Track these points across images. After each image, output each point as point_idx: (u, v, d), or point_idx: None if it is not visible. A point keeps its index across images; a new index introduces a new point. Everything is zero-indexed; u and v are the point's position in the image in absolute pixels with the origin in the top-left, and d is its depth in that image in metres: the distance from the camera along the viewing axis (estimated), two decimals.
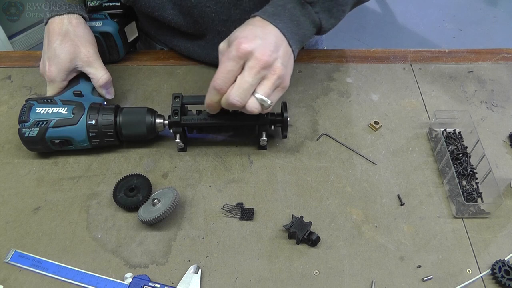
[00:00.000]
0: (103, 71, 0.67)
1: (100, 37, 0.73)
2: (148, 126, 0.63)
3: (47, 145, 0.63)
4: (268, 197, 0.61)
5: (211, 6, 0.70)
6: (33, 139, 0.61)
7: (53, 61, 0.64)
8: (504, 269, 0.53)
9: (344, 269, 0.54)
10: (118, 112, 0.64)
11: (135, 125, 0.63)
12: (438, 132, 0.68)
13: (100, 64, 0.67)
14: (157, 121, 0.64)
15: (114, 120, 0.62)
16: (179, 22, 0.74)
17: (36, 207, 0.60)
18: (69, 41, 0.64)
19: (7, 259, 0.55)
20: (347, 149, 0.67)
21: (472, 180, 0.63)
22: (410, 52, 0.83)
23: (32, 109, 0.62)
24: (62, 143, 0.62)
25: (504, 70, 0.80)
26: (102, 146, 0.65)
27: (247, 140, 0.68)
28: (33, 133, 0.61)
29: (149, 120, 0.63)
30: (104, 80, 0.66)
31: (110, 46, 0.76)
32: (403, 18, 2.53)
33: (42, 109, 0.62)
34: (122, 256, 0.55)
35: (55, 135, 0.61)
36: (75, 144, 0.63)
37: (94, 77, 0.66)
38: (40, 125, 0.61)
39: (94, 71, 0.66)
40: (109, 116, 0.62)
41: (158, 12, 0.72)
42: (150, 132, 0.64)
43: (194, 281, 0.52)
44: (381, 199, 0.61)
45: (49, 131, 0.61)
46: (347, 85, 0.77)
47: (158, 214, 0.55)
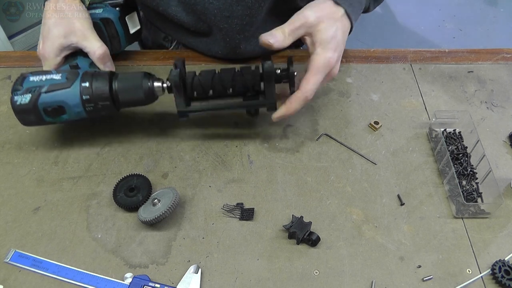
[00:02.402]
0: (98, 43, 0.64)
1: (101, 24, 0.71)
2: (145, 91, 0.61)
3: (40, 115, 0.60)
4: (268, 197, 0.61)
5: (214, 3, 0.71)
6: (25, 107, 0.58)
7: (47, 37, 0.63)
8: (504, 269, 0.53)
9: (344, 269, 0.54)
10: (113, 78, 0.61)
11: (132, 90, 0.60)
12: (438, 132, 0.68)
13: (96, 38, 0.65)
14: (155, 85, 0.61)
15: (109, 85, 0.60)
16: (182, 19, 0.74)
17: (36, 207, 0.60)
18: (64, 18, 0.63)
19: (7, 259, 0.55)
20: (347, 149, 0.67)
21: (472, 180, 0.63)
22: (410, 52, 0.83)
23: (26, 79, 0.60)
24: (56, 111, 0.59)
25: (504, 70, 0.80)
26: (99, 115, 0.62)
27: (247, 140, 0.68)
28: (25, 99, 0.58)
29: (146, 85, 0.61)
30: (100, 52, 0.64)
31: (111, 35, 0.73)
32: (403, 18, 2.53)
33: (35, 78, 0.59)
34: (122, 256, 0.55)
35: (48, 100, 0.59)
36: (69, 112, 0.60)
37: (90, 51, 0.64)
38: (33, 91, 0.58)
39: (90, 45, 0.64)
40: (103, 79, 0.59)
41: (162, 7, 0.73)
42: (148, 97, 0.61)
43: (194, 281, 0.52)
44: (381, 199, 0.61)
45: (41, 97, 0.58)
46: (347, 85, 0.77)
47: (158, 214, 0.55)
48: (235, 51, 0.77)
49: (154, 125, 0.71)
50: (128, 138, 0.69)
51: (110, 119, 0.71)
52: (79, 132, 0.69)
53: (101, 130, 0.70)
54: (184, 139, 0.69)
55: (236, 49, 0.77)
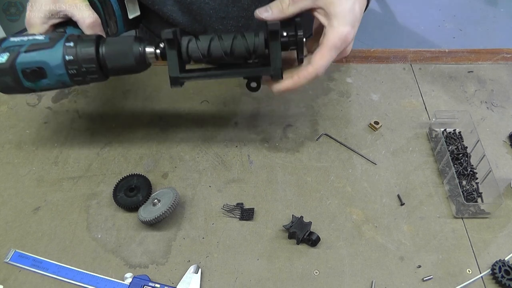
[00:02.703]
0: (89, 12, 0.60)
1: (98, 3, 0.66)
2: (136, 56, 0.55)
3: (18, 78, 0.55)
4: (268, 197, 0.61)
5: (210, 3, 0.71)
6: (1, 67, 0.54)
7: (36, 2, 0.59)
8: (504, 269, 0.53)
9: (344, 269, 0.54)
10: (100, 42, 0.55)
11: (121, 55, 0.55)
12: (438, 132, 0.68)
13: (87, 7, 0.61)
14: (147, 50, 0.55)
15: (96, 48, 0.55)
16: (178, 19, 0.74)
17: (36, 207, 0.60)
18: None
19: (7, 259, 0.55)
20: (347, 149, 0.67)
21: (472, 180, 0.63)
22: (410, 52, 0.83)
23: (6, 39, 0.55)
24: (36, 74, 0.54)
25: (504, 70, 0.80)
26: (85, 82, 0.57)
27: (247, 140, 0.68)
28: (1, 59, 0.53)
29: (137, 49, 0.55)
30: (90, 20, 0.60)
31: (107, 14, 0.68)
32: (403, 18, 2.53)
33: (16, 38, 0.55)
34: (122, 256, 0.55)
35: (27, 60, 0.54)
36: (50, 75, 0.55)
37: (80, 19, 0.60)
38: (11, 50, 0.54)
39: (79, 13, 0.59)
40: (90, 41, 0.55)
41: (158, 6, 0.72)
42: (139, 64, 0.56)
43: (194, 281, 0.52)
44: (381, 199, 0.61)
45: (20, 56, 0.54)
46: (347, 85, 0.77)
47: (158, 214, 0.55)
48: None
49: (154, 125, 0.71)
50: (128, 138, 0.69)
51: (110, 119, 0.71)
52: (79, 132, 0.69)
53: (101, 130, 0.70)
54: (184, 139, 0.69)
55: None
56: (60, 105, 0.74)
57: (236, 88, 0.76)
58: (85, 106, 0.73)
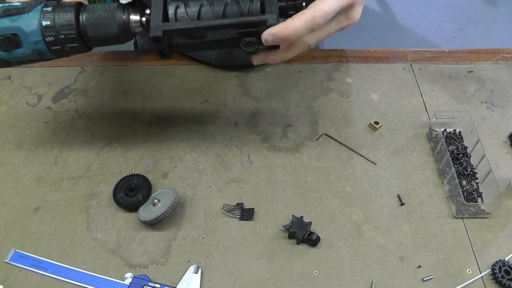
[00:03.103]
0: None
1: None
2: (120, 24, 0.51)
3: None
4: (268, 197, 0.61)
5: None
6: None
7: None
8: (504, 269, 0.53)
9: (344, 269, 0.54)
10: (81, 9, 0.52)
11: (103, 23, 0.51)
12: (438, 132, 0.68)
13: None
14: (132, 18, 0.51)
15: (75, 15, 0.51)
16: None
17: (36, 207, 0.60)
18: None
19: (7, 259, 0.55)
20: (347, 149, 0.67)
21: (472, 180, 0.63)
22: (410, 52, 0.83)
23: None
24: (10, 42, 0.51)
25: (504, 70, 0.80)
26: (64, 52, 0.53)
27: (247, 140, 0.68)
28: None
29: (121, 17, 0.51)
30: None
31: None
32: (403, 18, 2.53)
33: None
34: (122, 256, 0.55)
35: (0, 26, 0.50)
36: (25, 43, 0.51)
37: None
38: None
39: None
40: (70, 7, 0.51)
41: None
42: (123, 33, 0.52)
43: (194, 281, 0.52)
44: (381, 199, 0.61)
45: None
46: (347, 85, 0.77)
47: (158, 214, 0.55)
48: (229, 57, 0.77)
49: (154, 125, 0.71)
50: (128, 138, 0.69)
51: (110, 119, 0.71)
52: (79, 132, 0.69)
53: (101, 130, 0.70)
54: (184, 139, 0.69)
55: (230, 55, 0.77)
56: (60, 105, 0.74)
57: (236, 88, 0.76)
58: (85, 106, 0.73)
